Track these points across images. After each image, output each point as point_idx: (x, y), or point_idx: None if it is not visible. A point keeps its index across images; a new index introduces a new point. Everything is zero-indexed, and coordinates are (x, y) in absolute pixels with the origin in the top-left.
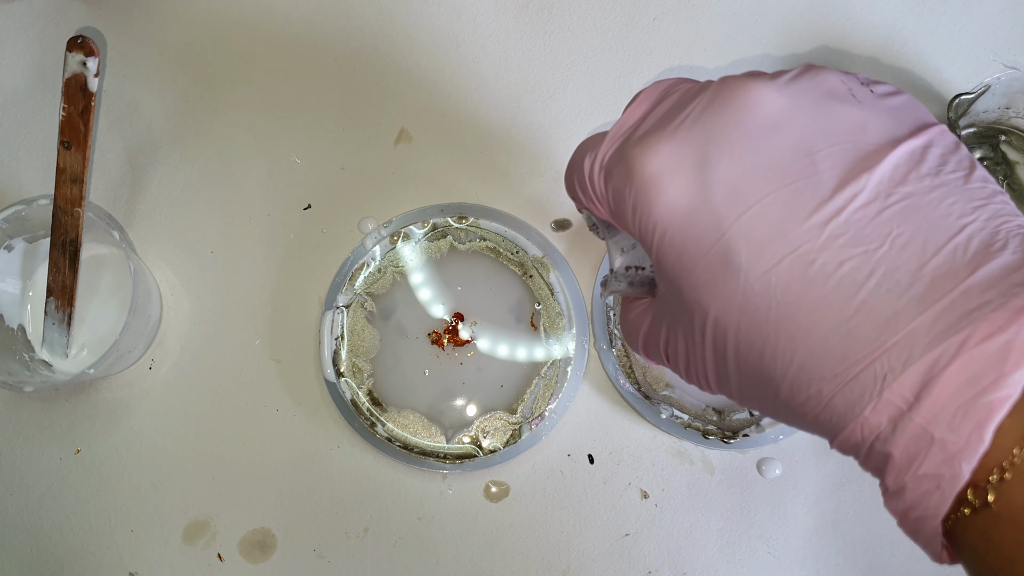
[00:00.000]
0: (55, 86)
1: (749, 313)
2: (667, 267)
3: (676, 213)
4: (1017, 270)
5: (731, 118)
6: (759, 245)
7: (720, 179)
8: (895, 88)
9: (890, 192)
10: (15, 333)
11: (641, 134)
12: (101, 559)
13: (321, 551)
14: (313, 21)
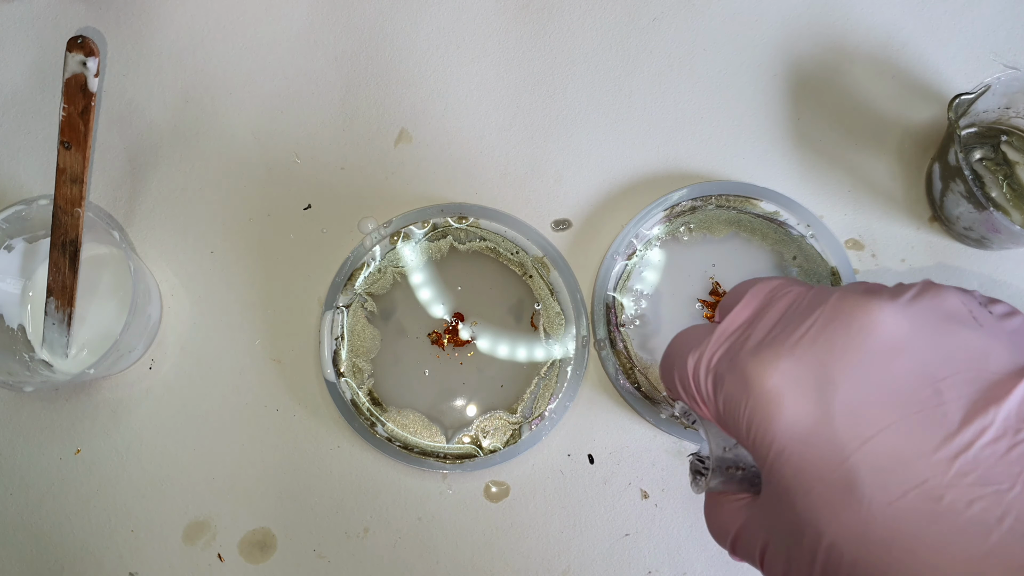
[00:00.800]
0: (55, 86)
1: (869, 544)
2: (781, 484)
3: (796, 432)
4: None
5: (852, 339)
6: (884, 475)
7: (842, 402)
8: (1011, 308)
9: (1018, 428)
10: (15, 333)
11: (756, 344)
12: (101, 559)
13: (321, 551)
14: (313, 21)
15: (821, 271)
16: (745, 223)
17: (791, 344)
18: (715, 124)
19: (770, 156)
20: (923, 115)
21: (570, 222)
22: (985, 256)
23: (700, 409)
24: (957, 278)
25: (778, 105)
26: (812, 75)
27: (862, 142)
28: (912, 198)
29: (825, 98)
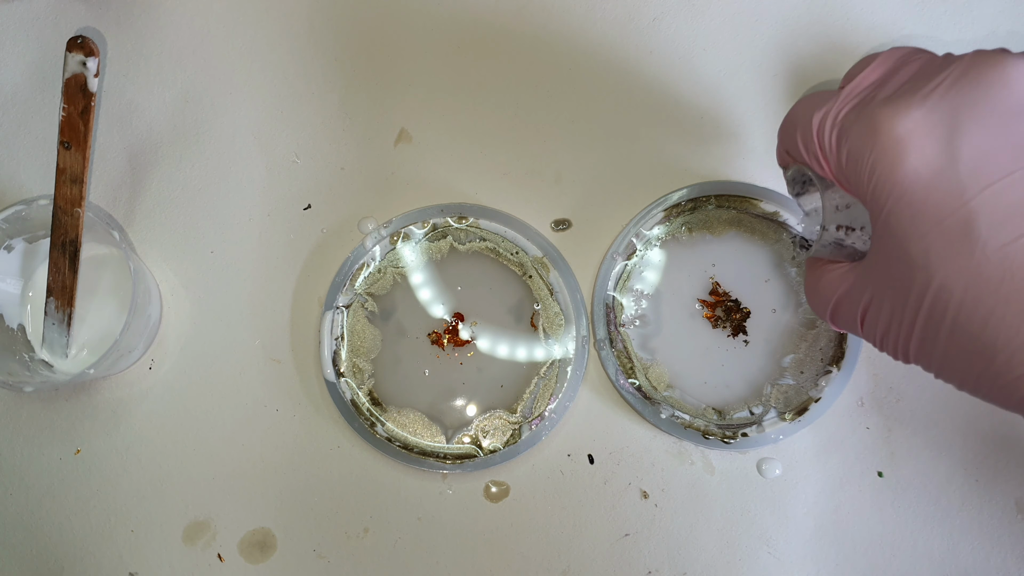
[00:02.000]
0: (55, 86)
1: (980, 283)
2: (897, 231)
3: (919, 177)
4: None
5: (984, 92)
6: (1001, 218)
7: (968, 150)
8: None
9: None
10: (15, 333)
11: (887, 96)
12: (101, 559)
13: (321, 551)
14: (313, 21)
15: None
16: (745, 223)
17: (923, 95)
18: (715, 124)
19: (770, 156)
20: None
21: (570, 222)
22: None
23: (820, 166)
24: None
25: (778, 105)
26: (812, 75)
27: None
28: None
29: None
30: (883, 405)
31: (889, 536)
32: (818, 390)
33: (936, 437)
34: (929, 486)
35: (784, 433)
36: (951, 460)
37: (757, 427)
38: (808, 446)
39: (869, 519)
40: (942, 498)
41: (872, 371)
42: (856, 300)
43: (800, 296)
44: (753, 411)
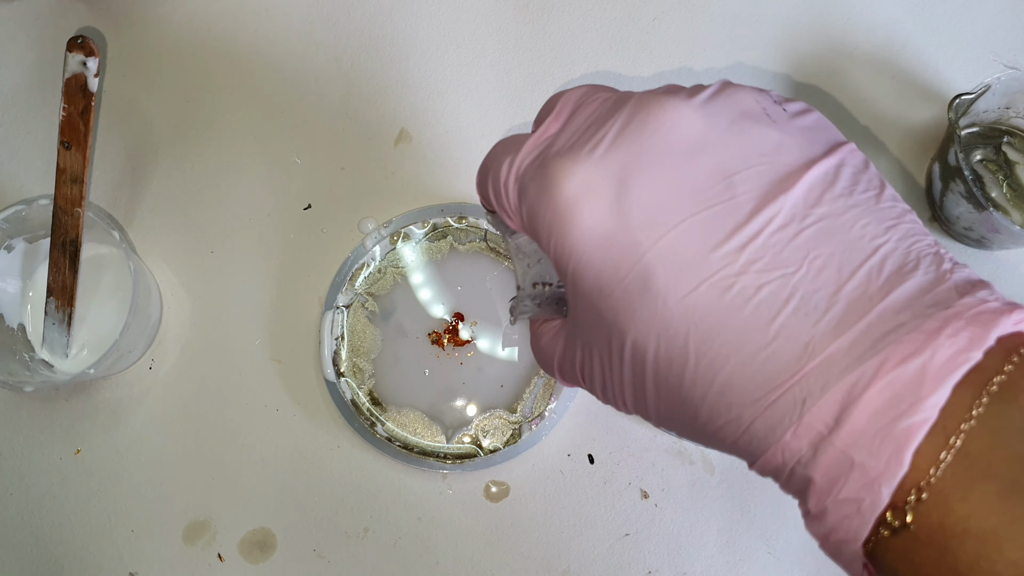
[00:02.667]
0: (55, 86)
1: (668, 337)
2: (583, 290)
3: (594, 237)
4: (929, 291)
5: (648, 140)
6: (677, 270)
7: (638, 203)
8: (806, 106)
9: (806, 214)
10: (15, 333)
11: (557, 151)
12: (101, 559)
13: (321, 551)
14: (313, 21)
15: None
16: None
17: (589, 148)
18: None
19: None
20: (923, 115)
21: None
22: (985, 256)
23: (509, 219)
24: None
25: None
26: (812, 75)
27: (862, 142)
28: (912, 198)
29: (825, 98)
30: None
31: None
32: None
33: None
34: None
35: None
36: None
37: None
38: None
39: None
40: None
41: None
42: (572, 358)
43: None
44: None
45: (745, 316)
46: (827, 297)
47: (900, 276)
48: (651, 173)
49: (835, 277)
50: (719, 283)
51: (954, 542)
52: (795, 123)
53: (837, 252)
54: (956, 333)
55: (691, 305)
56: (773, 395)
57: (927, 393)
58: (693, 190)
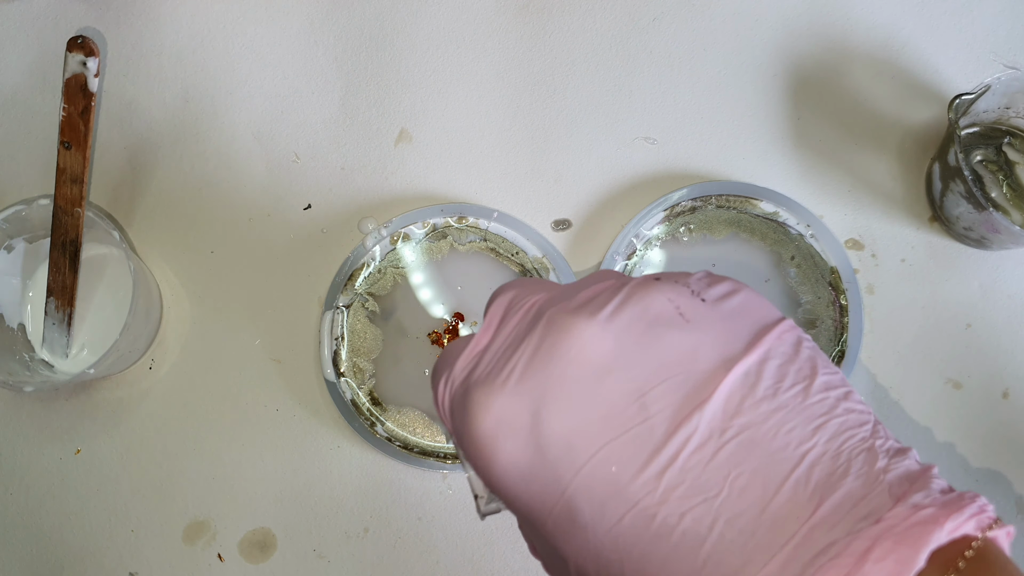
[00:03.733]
0: (55, 86)
1: (603, 565)
2: (520, 516)
3: (515, 473)
4: (862, 499)
5: (557, 367)
6: (600, 502)
7: (553, 435)
8: (732, 287)
9: (725, 428)
10: (15, 333)
11: (476, 379)
12: (101, 559)
13: (321, 551)
14: (313, 21)
15: (821, 271)
16: (745, 223)
17: (503, 379)
18: (715, 124)
19: (770, 156)
20: (923, 115)
21: (570, 222)
22: (985, 256)
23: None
24: (957, 278)
25: (778, 105)
26: (812, 75)
27: (862, 142)
28: (912, 198)
29: (825, 98)
30: (883, 405)
31: None
32: None
33: (936, 437)
34: None
35: None
36: (951, 460)
37: None
38: None
39: None
40: None
41: (872, 371)
42: (535, 553)
43: (800, 296)
44: None
45: (672, 545)
46: (753, 519)
47: (830, 485)
48: (563, 402)
49: (760, 496)
50: (642, 514)
51: None
52: (715, 312)
53: (761, 467)
54: (884, 556)
55: (618, 536)
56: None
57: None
58: (607, 415)
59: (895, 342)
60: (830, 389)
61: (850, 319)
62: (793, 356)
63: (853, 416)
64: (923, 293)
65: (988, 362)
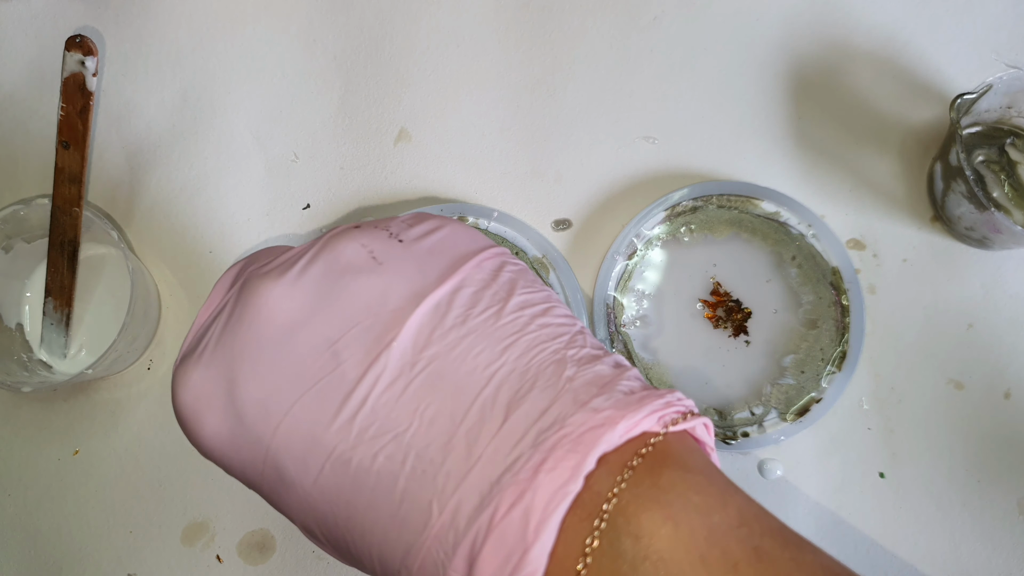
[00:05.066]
0: (53, 85)
1: (319, 519)
2: (246, 485)
3: (220, 442)
4: (546, 411)
5: (248, 331)
6: (301, 457)
7: (248, 400)
8: (435, 224)
9: (415, 361)
10: (13, 333)
11: (180, 356)
12: (99, 560)
13: (320, 552)
14: (312, 21)
15: (823, 271)
16: (746, 223)
17: (197, 355)
18: (716, 123)
19: (771, 156)
20: (925, 115)
21: (570, 222)
22: (987, 256)
23: None
24: (959, 278)
25: (779, 104)
26: (813, 74)
27: (864, 141)
28: (914, 198)
29: (827, 97)
30: (885, 406)
31: (891, 537)
32: (820, 391)
33: (938, 438)
34: (931, 487)
35: (785, 434)
36: (953, 461)
37: (758, 427)
38: (809, 447)
39: (870, 520)
40: (943, 499)
41: (874, 372)
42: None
43: (801, 296)
44: (754, 411)
45: (370, 488)
46: (440, 448)
47: (516, 401)
48: (254, 366)
49: (448, 424)
50: (339, 460)
51: None
52: (411, 253)
53: (449, 395)
54: (556, 465)
55: (323, 487)
56: (416, 561)
57: (532, 541)
58: (298, 372)
59: (897, 342)
60: (526, 308)
61: (852, 319)
62: (490, 282)
63: (548, 331)
64: (925, 293)
65: (990, 362)
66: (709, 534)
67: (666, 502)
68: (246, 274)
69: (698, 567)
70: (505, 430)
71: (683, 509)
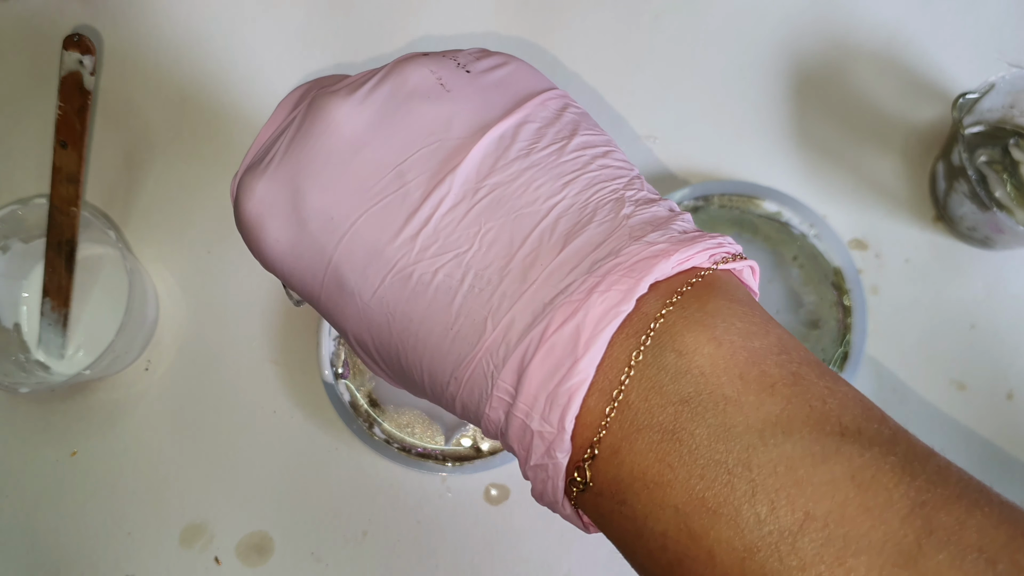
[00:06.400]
0: (51, 85)
1: (375, 329)
2: (301, 296)
3: (282, 250)
4: (601, 243)
5: (315, 144)
6: (362, 268)
7: (313, 209)
8: (502, 60)
9: (478, 188)
10: (10, 334)
11: (246, 168)
12: (97, 562)
13: (319, 554)
14: (313, 21)
15: (824, 271)
16: (748, 223)
17: (264, 165)
18: (717, 123)
19: (773, 155)
20: (927, 114)
21: None
22: (989, 256)
23: None
24: (961, 278)
25: (781, 104)
26: (815, 74)
27: (866, 141)
28: (916, 197)
29: (829, 97)
30: (886, 406)
31: None
32: None
33: (940, 439)
34: None
35: None
36: (955, 461)
37: None
38: None
39: None
40: None
41: (876, 372)
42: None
43: (803, 296)
44: None
45: (428, 301)
46: (499, 269)
47: (574, 233)
48: (320, 177)
49: (506, 247)
50: (399, 274)
51: (628, 493)
52: (478, 83)
53: (508, 221)
54: (609, 287)
55: (383, 299)
56: (466, 372)
57: (581, 353)
58: (364, 186)
59: (899, 343)
60: (587, 148)
61: (854, 320)
62: (554, 120)
63: (607, 171)
64: (927, 293)
65: (992, 363)
66: (749, 355)
67: (711, 324)
68: (312, 94)
69: (736, 382)
70: (561, 258)
71: (726, 332)
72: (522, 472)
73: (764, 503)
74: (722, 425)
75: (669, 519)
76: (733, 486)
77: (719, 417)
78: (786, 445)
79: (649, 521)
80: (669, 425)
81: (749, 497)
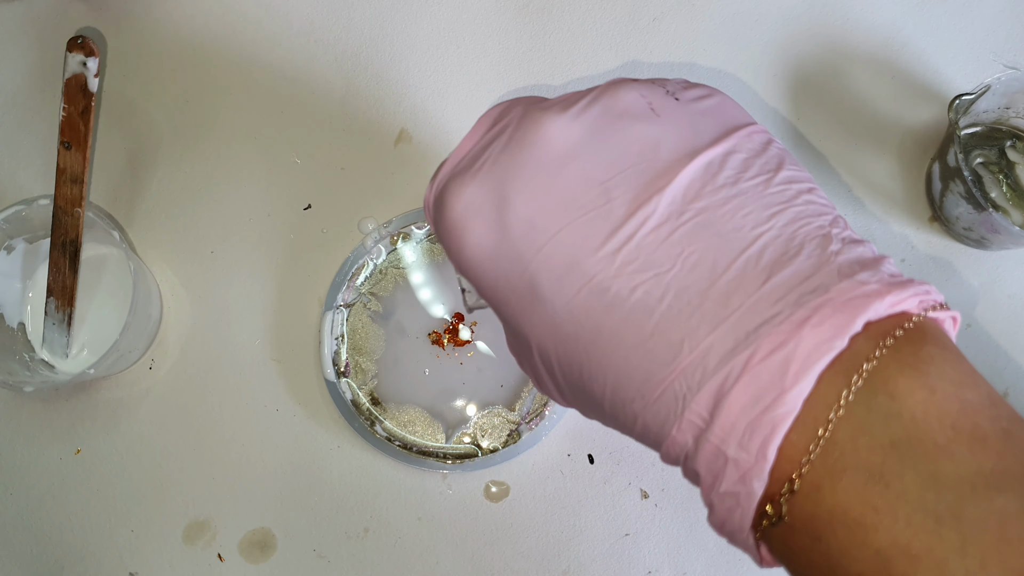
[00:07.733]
0: (55, 86)
1: (562, 340)
2: (488, 300)
3: (482, 252)
4: (809, 277)
5: (525, 154)
6: (559, 277)
7: (517, 216)
8: (708, 91)
9: (683, 210)
10: (15, 333)
11: (453, 173)
12: (101, 559)
13: (321, 551)
14: (313, 21)
15: None
16: None
17: (475, 169)
18: None
19: None
20: (923, 115)
21: None
22: (985, 256)
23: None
24: (957, 278)
25: (778, 105)
26: (812, 75)
27: (862, 142)
28: (912, 198)
29: (825, 98)
30: None
31: None
32: None
33: None
34: None
35: None
36: None
37: None
38: None
39: None
40: None
41: None
42: (514, 353)
43: None
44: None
45: (622, 317)
46: (700, 293)
47: (780, 264)
48: (527, 186)
49: (709, 272)
50: (596, 287)
51: (826, 531)
52: (686, 111)
53: (713, 246)
54: (822, 322)
55: (575, 309)
56: (656, 391)
57: (790, 385)
58: (569, 199)
59: None
60: (793, 182)
61: None
62: (760, 152)
63: (813, 207)
64: None
65: (988, 362)
66: (962, 406)
67: (925, 371)
68: (516, 109)
69: (948, 431)
70: (767, 288)
71: (939, 380)
72: (704, 499)
73: (975, 558)
74: (932, 473)
75: (868, 561)
76: (942, 536)
77: (929, 465)
78: (999, 500)
79: (845, 560)
80: (876, 468)
81: (958, 549)
